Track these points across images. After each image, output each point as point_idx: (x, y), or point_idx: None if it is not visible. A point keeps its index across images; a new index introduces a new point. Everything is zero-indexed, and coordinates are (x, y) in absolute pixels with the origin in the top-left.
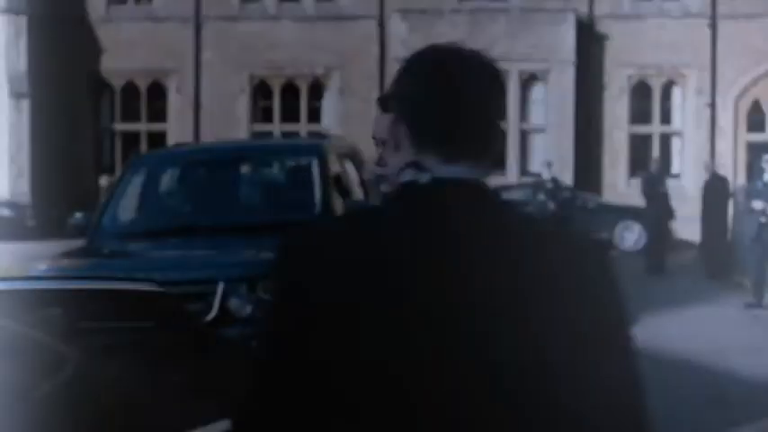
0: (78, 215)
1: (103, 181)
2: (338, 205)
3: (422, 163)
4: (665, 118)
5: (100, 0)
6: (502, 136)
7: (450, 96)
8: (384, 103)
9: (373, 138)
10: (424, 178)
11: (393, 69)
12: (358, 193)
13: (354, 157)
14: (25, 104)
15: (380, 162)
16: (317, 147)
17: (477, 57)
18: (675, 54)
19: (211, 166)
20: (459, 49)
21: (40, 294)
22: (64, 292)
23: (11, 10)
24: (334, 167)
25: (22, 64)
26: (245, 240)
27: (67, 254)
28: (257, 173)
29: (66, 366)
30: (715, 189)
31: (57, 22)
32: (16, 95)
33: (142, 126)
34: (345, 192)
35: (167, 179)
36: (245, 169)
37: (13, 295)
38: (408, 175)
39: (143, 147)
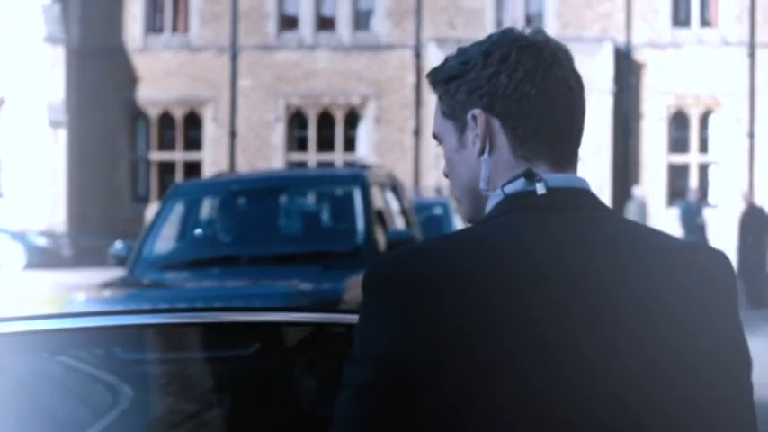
0: (119, 245)
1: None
2: (380, 235)
3: (535, 171)
4: (703, 147)
5: (137, 30)
6: None
7: (562, 93)
8: (458, 93)
9: (434, 136)
10: (540, 189)
11: (429, 99)
12: (399, 223)
13: (394, 185)
14: (62, 134)
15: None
16: (358, 176)
17: (558, 44)
18: (713, 83)
19: (252, 195)
20: (542, 34)
21: (98, 330)
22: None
23: (49, 40)
24: (376, 197)
25: (59, 93)
26: (287, 271)
27: (108, 284)
28: (298, 203)
29: (121, 401)
30: (753, 219)
31: (94, 52)
32: (53, 125)
33: (178, 155)
34: (387, 222)
35: (207, 209)
36: (285, 199)
37: (70, 332)
38: (519, 185)
39: (178, 176)
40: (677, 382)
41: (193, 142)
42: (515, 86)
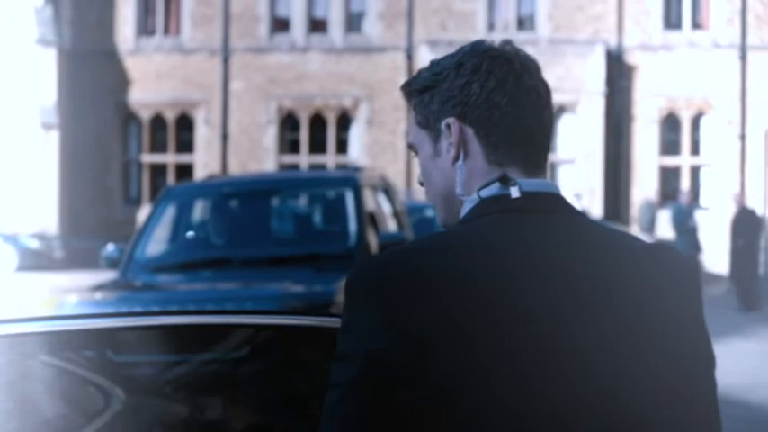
0: (111, 247)
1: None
2: (372, 238)
3: (509, 176)
4: (695, 149)
5: (128, 32)
6: None
7: (532, 101)
8: (431, 103)
9: (409, 146)
10: (514, 192)
11: None
12: (391, 225)
13: (386, 188)
14: (54, 136)
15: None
16: (350, 179)
17: (526, 54)
18: (705, 85)
19: (244, 198)
20: (512, 46)
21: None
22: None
23: (41, 42)
24: (368, 199)
25: (51, 95)
26: (279, 273)
27: (100, 287)
28: (290, 205)
29: (113, 404)
30: (744, 221)
31: (86, 54)
32: (45, 127)
33: (170, 157)
34: (379, 224)
35: (200, 211)
36: (277, 201)
37: (61, 334)
38: (494, 189)
39: (170, 178)
40: (645, 379)
41: (185, 144)
42: (487, 95)
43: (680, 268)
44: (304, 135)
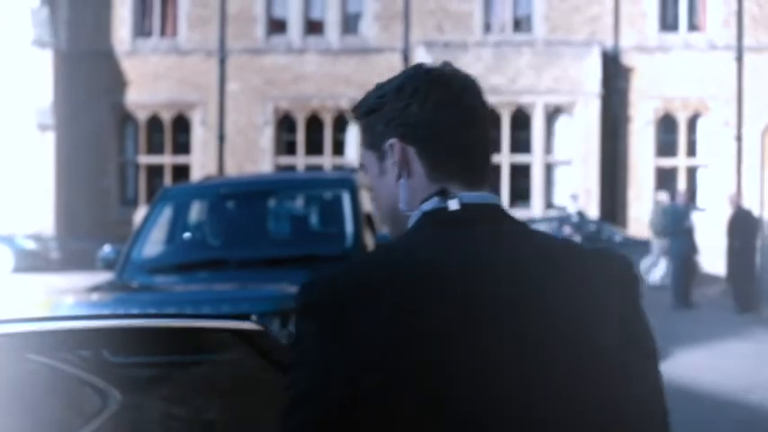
0: (107, 248)
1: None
2: (369, 239)
3: (448, 190)
4: (691, 151)
5: (125, 33)
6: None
7: (470, 119)
8: (376, 125)
9: (361, 166)
10: (453, 205)
11: None
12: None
13: None
14: (50, 137)
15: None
16: (347, 180)
17: (466, 76)
18: (701, 86)
19: (241, 199)
20: (451, 67)
21: (83, 332)
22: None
23: (37, 43)
24: (365, 200)
25: (47, 96)
26: (276, 274)
27: (96, 288)
28: (287, 206)
29: (110, 404)
30: (741, 222)
31: (82, 55)
32: (41, 128)
33: (166, 159)
34: (376, 225)
35: (196, 212)
36: (274, 202)
37: (56, 334)
38: (434, 203)
39: (167, 179)
40: (589, 378)
41: (182, 145)
42: (426, 116)
43: (615, 268)
44: (301, 136)
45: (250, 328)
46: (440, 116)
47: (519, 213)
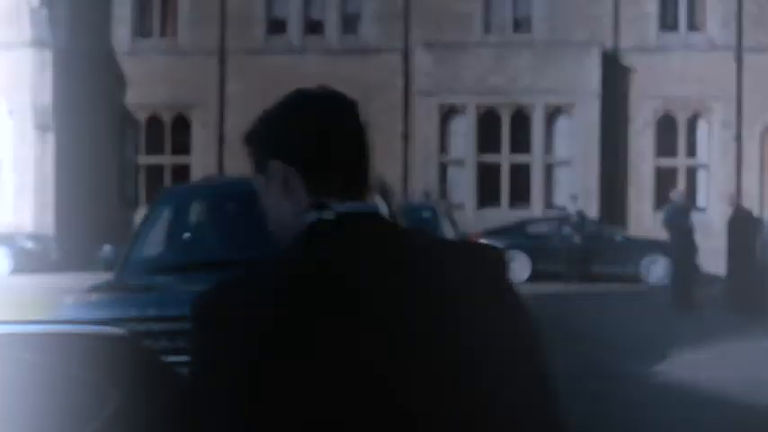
0: (107, 248)
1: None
2: None
3: (326, 203)
4: (691, 151)
5: (125, 33)
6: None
7: (347, 139)
8: (260, 149)
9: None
10: (329, 215)
11: (418, 102)
12: None
13: (383, 189)
14: (50, 137)
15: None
16: None
17: (343, 96)
18: (701, 87)
19: (241, 199)
20: (327, 90)
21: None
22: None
23: (36, 43)
24: None
25: (47, 97)
26: None
27: (96, 288)
28: None
29: (108, 405)
30: (741, 222)
31: (82, 56)
32: (41, 128)
33: (166, 159)
34: None
35: (196, 213)
36: None
37: (55, 335)
38: (313, 216)
39: (167, 180)
40: (470, 376)
41: (182, 146)
42: (306, 137)
43: (487, 259)
44: None
45: None
46: (319, 137)
47: (519, 213)
